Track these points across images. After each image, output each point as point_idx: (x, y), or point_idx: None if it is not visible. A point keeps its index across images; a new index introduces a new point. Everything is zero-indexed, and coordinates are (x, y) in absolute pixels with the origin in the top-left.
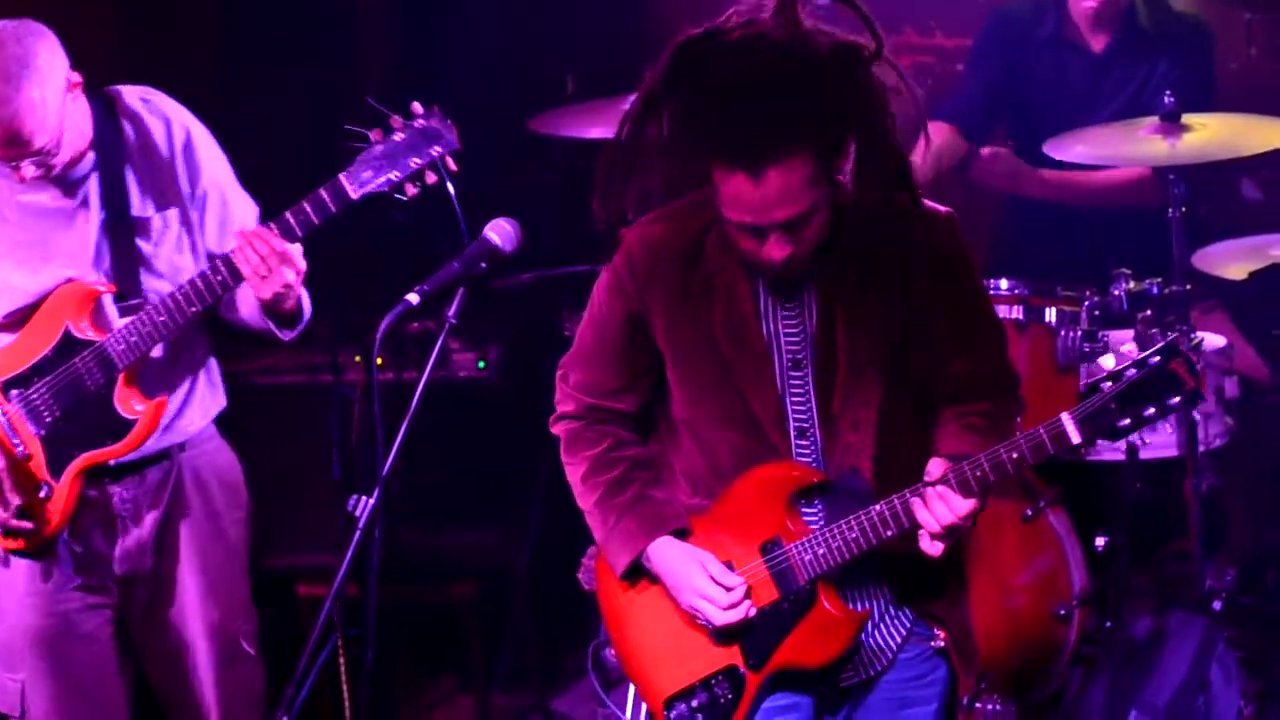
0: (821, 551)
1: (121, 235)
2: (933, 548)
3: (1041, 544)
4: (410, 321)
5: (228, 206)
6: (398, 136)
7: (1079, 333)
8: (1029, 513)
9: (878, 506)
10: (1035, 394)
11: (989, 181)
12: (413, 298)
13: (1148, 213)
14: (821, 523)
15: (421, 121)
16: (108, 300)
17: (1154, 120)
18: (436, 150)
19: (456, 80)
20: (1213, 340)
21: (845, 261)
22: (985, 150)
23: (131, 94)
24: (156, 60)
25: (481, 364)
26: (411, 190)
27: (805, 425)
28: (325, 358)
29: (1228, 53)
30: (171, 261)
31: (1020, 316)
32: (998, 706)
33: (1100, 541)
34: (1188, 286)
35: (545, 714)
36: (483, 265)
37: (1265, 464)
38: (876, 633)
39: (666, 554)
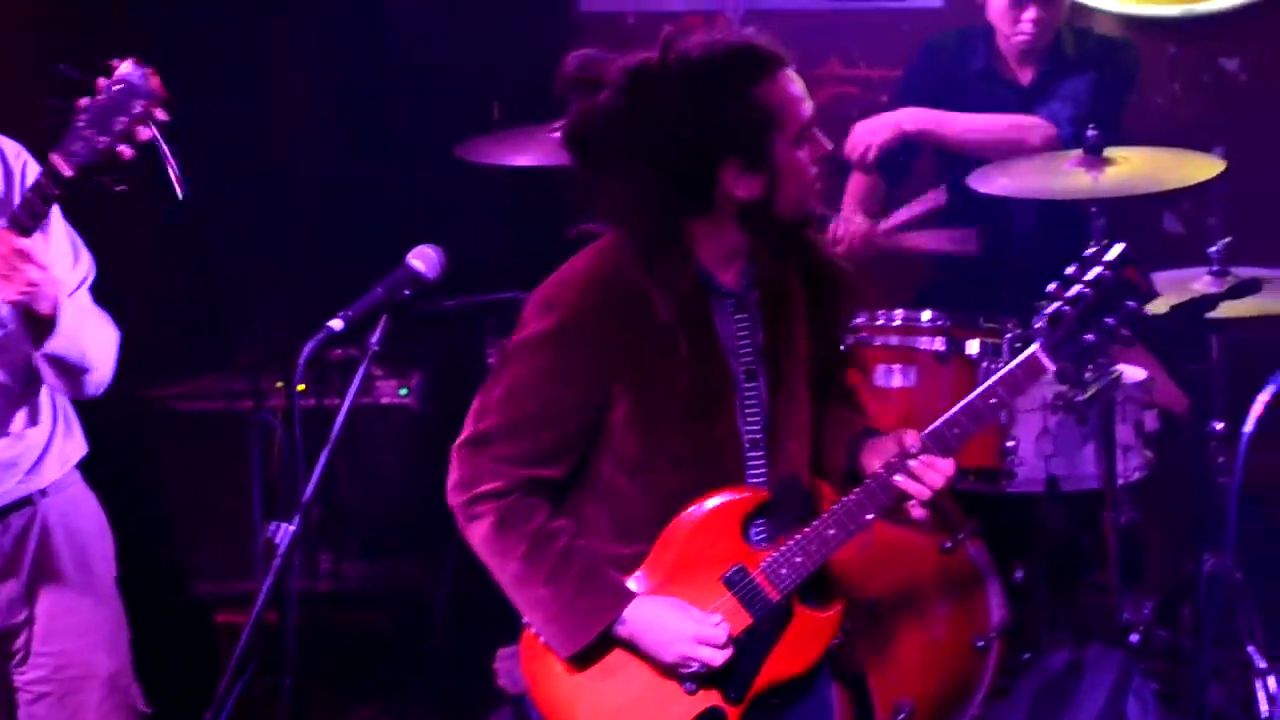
0: (799, 559)
1: None
2: (922, 514)
3: (960, 576)
4: (333, 348)
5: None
6: (100, 99)
7: (1000, 365)
8: (948, 545)
9: (851, 495)
10: None
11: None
12: (335, 324)
13: (1071, 246)
14: (767, 537)
15: (122, 76)
16: None
17: (1077, 153)
18: (140, 105)
19: (383, 107)
20: (1133, 374)
21: (778, 276)
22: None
23: None
24: None
25: (404, 391)
26: (128, 152)
27: (758, 437)
28: (247, 384)
29: (1151, 87)
30: None
31: (942, 348)
32: None
33: (1019, 574)
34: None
35: None
36: (406, 292)
37: (1183, 497)
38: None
39: (647, 612)
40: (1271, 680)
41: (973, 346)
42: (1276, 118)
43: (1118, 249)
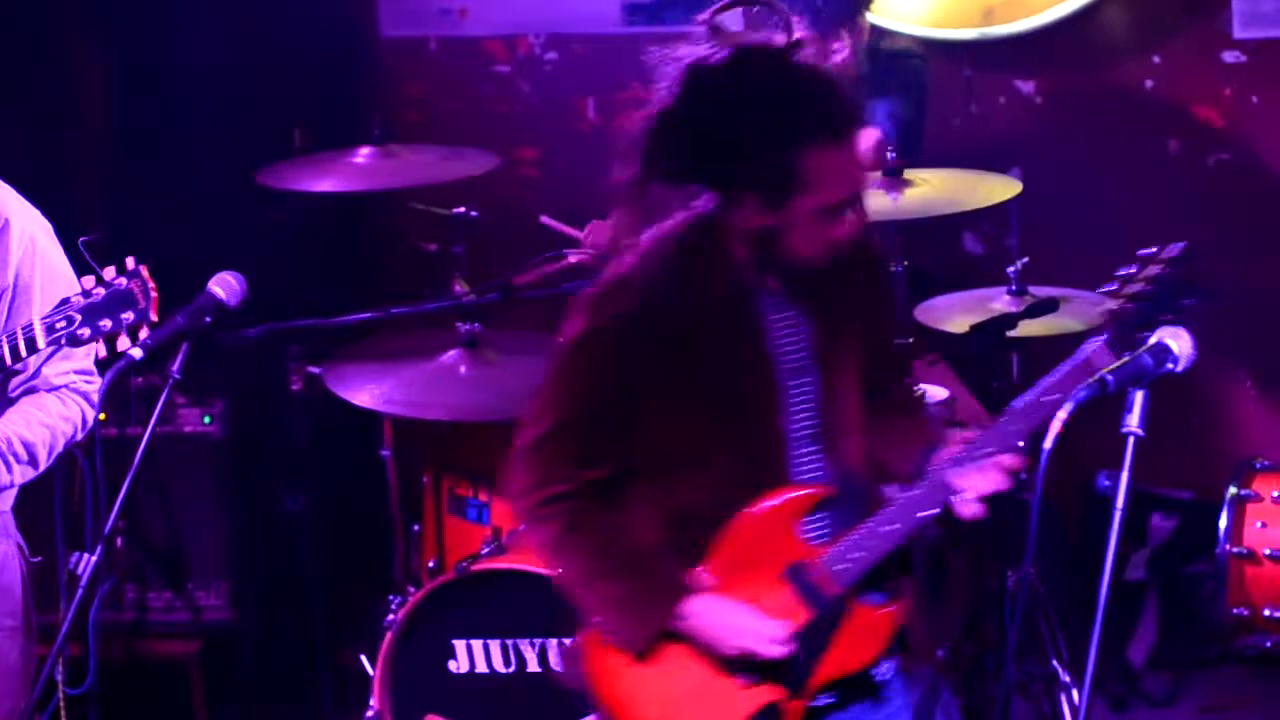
0: (859, 554)
1: None
2: (974, 509)
3: None
4: (133, 376)
5: (31, 306)
6: (99, 292)
7: None
8: None
9: (912, 490)
10: None
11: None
12: (135, 352)
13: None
14: (829, 533)
15: (124, 281)
16: None
17: (876, 175)
18: (128, 316)
19: (182, 131)
20: (935, 392)
21: (825, 274)
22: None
23: None
24: None
25: (207, 419)
26: (102, 352)
27: (812, 433)
28: None
29: (948, 108)
30: None
31: None
32: None
33: None
34: (910, 339)
35: None
36: (207, 319)
37: (986, 514)
38: None
39: (708, 607)
40: (1075, 693)
41: None
42: (1071, 139)
43: (1177, 247)
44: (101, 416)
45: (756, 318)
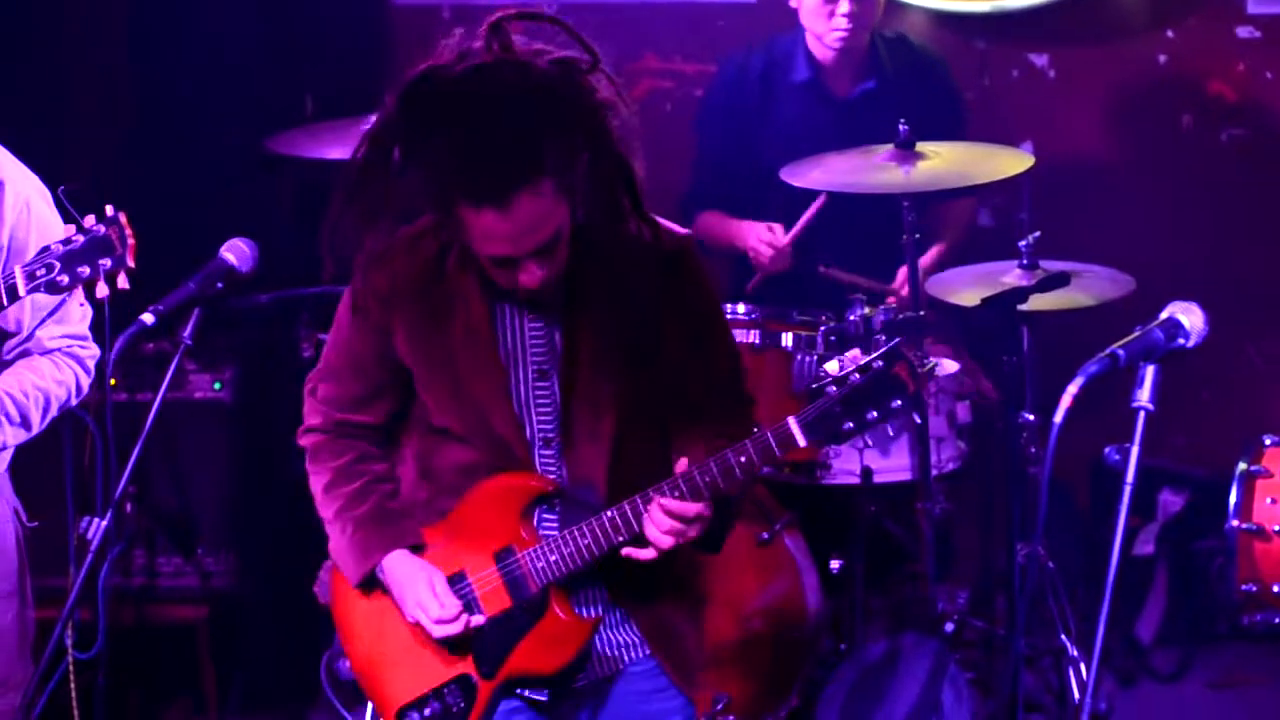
0: (554, 558)
1: None
2: (644, 552)
3: (777, 567)
4: (145, 342)
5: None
6: (78, 239)
7: (814, 357)
8: (765, 536)
9: (609, 512)
10: (770, 417)
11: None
12: (147, 318)
13: (884, 238)
14: (555, 530)
15: (102, 229)
16: None
17: (889, 148)
18: (106, 263)
19: (193, 98)
20: (946, 366)
21: (587, 276)
22: None
23: None
24: None
25: (218, 385)
26: (82, 298)
27: (550, 435)
28: None
29: (962, 82)
30: None
31: (756, 341)
32: None
33: (835, 564)
34: (921, 312)
35: None
36: (219, 285)
37: (995, 488)
38: (610, 637)
39: (397, 567)
40: (1083, 667)
41: (787, 339)
42: (1084, 113)
43: (893, 345)
44: (113, 382)
45: (490, 319)
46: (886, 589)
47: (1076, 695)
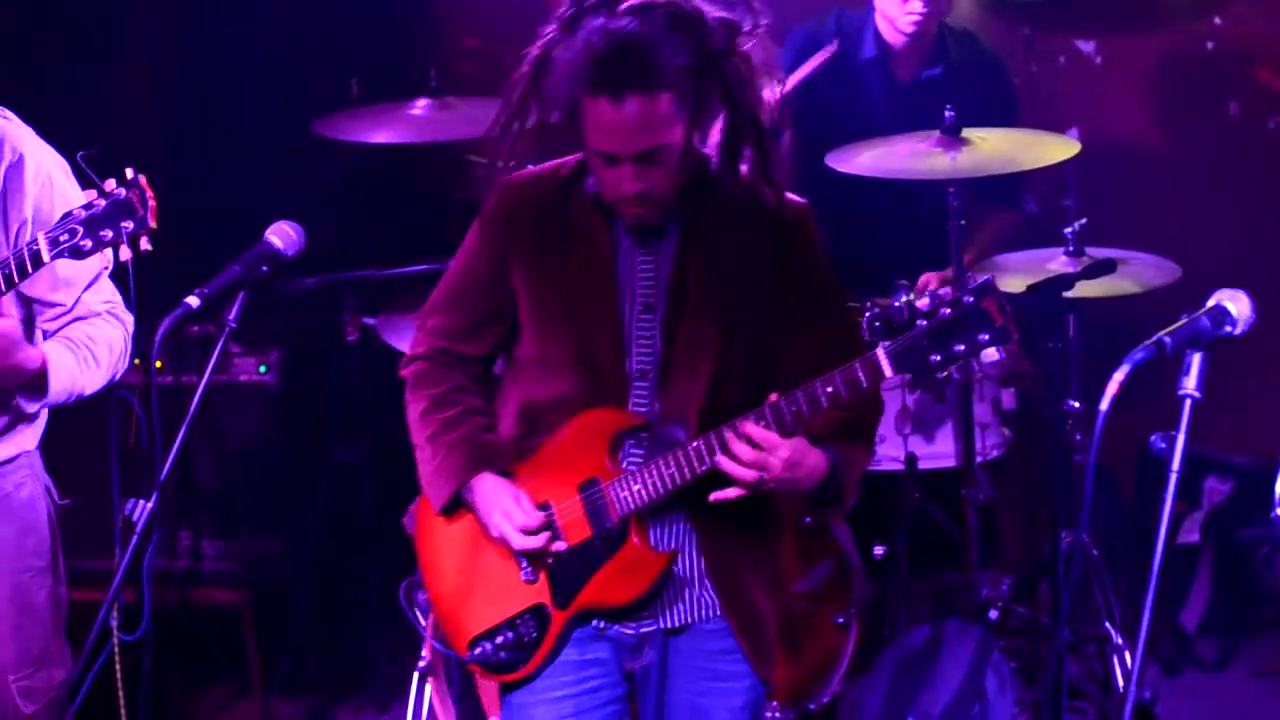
0: (636, 488)
1: None
2: (729, 491)
3: (821, 552)
4: (190, 325)
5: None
6: (100, 203)
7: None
8: (808, 521)
9: (695, 441)
10: None
11: None
12: (193, 301)
13: (931, 224)
14: (637, 462)
15: (121, 191)
16: None
17: (935, 134)
18: (128, 225)
19: (240, 82)
20: (989, 353)
21: (706, 226)
22: None
23: None
24: None
25: (263, 368)
26: (108, 260)
27: (647, 368)
28: None
29: (1010, 68)
30: None
31: None
32: (777, 714)
33: (879, 550)
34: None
35: None
36: (264, 269)
37: (1040, 475)
38: (686, 590)
39: (485, 486)
40: (1128, 655)
41: None
42: (1131, 100)
43: (984, 280)
44: (158, 365)
45: (611, 249)
46: (930, 575)
47: (1121, 683)
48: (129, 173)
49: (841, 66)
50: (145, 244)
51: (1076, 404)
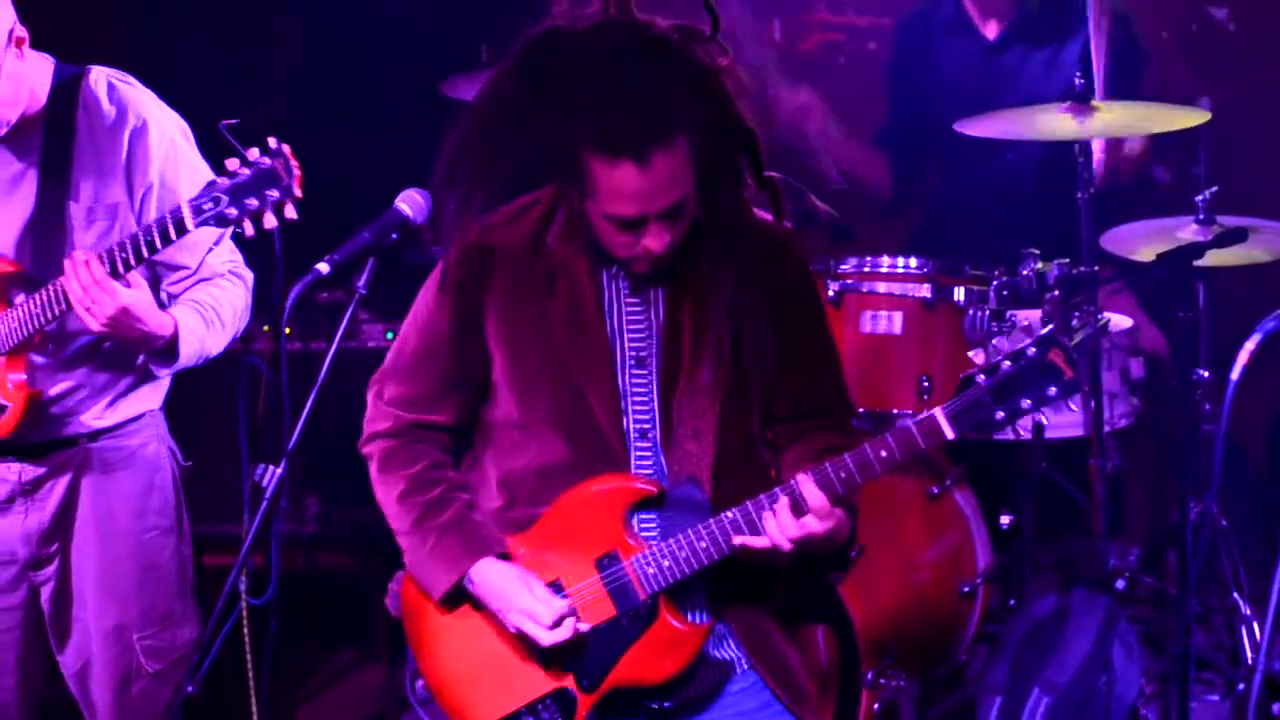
0: (667, 564)
1: (52, 221)
2: (758, 540)
3: (947, 522)
4: (320, 291)
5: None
6: (243, 172)
7: (986, 312)
8: (934, 490)
9: (730, 513)
10: (944, 371)
11: None
12: (323, 267)
13: (1059, 193)
14: (659, 534)
15: (268, 160)
16: (11, 280)
17: (1064, 104)
18: (274, 194)
19: (370, 49)
20: (1119, 321)
21: (694, 264)
22: None
23: (98, 75)
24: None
25: (390, 335)
26: (249, 230)
27: (646, 427)
28: None
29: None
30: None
31: (929, 295)
32: (901, 682)
33: (1005, 520)
34: (1096, 268)
35: None
36: (394, 236)
37: (1169, 445)
38: (715, 649)
39: (490, 574)
40: (1257, 626)
41: (959, 293)
42: (1263, 67)
43: (1047, 331)
44: (287, 331)
45: (597, 297)
46: (1056, 545)
47: (1249, 654)
48: (272, 142)
49: (930, 33)
50: (291, 212)
51: (1206, 373)
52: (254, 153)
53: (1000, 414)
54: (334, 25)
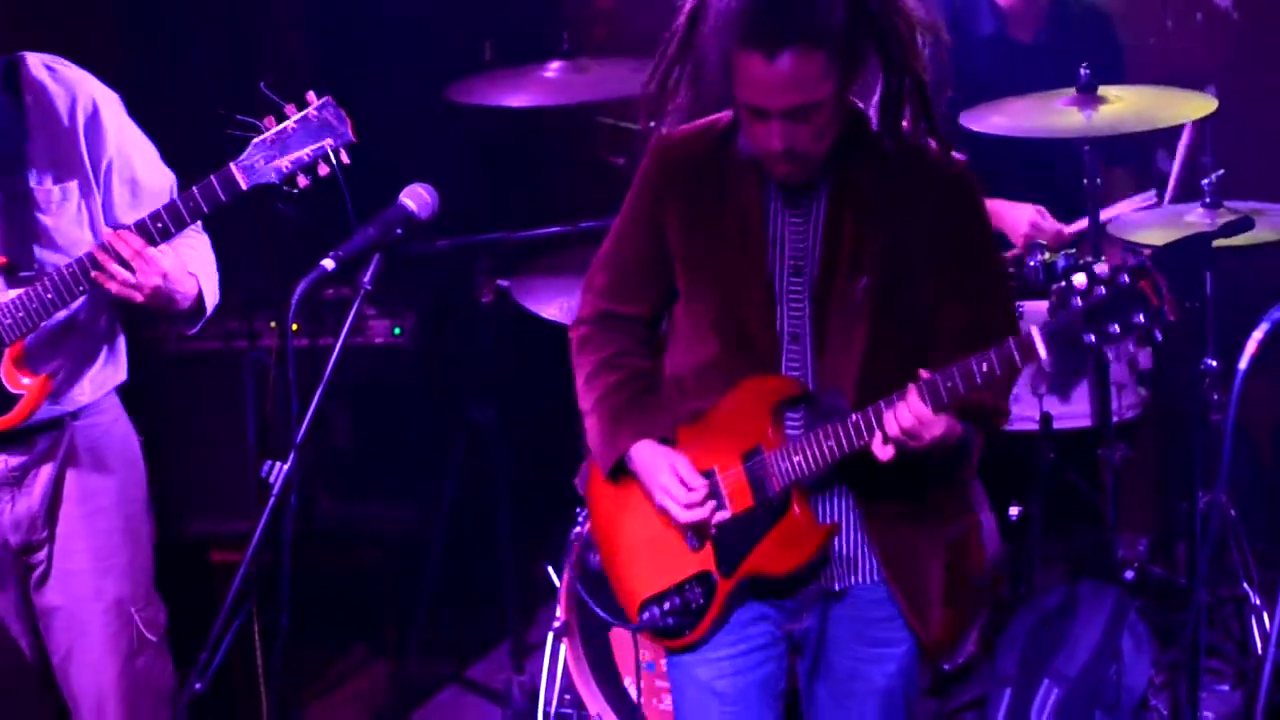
0: (798, 459)
1: (18, 206)
2: (883, 450)
3: (957, 513)
4: (326, 287)
5: (137, 180)
6: (290, 126)
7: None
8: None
9: (854, 415)
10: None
11: None
12: (328, 263)
13: (1067, 180)
14: (799, 430)
15: (315, 112)
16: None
17: (1069, 93)
18: (330, 142)
19: (373, 46)
20: None
21: (859, 185)
22: None
23: (36, 61)
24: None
25: (397, 331)
26: (303, 181)
27: (798, 331)
28: (241, 323)
29: (1144, 25)
30: (70, 235)
31: None
32: None
33: (1014, 511)
34: (1103, 257)
35: (460, 682)
36: (399, 231)
37: (1177, 435)
38: (847, 549)
39: (645, 454)
40: (1266, 617)
41: None
42: (1269, 56)
43: (1140, 260)
44: (294, 327)
45: (761, 209)
46: (1065, 536)
47: (1259, 645)
48: (310, 96)
49: (963, 47)
50: (344, 157)
51: (1214, 363)
52: (291, 108)
53: (1090, 337)
54: (338, 24)
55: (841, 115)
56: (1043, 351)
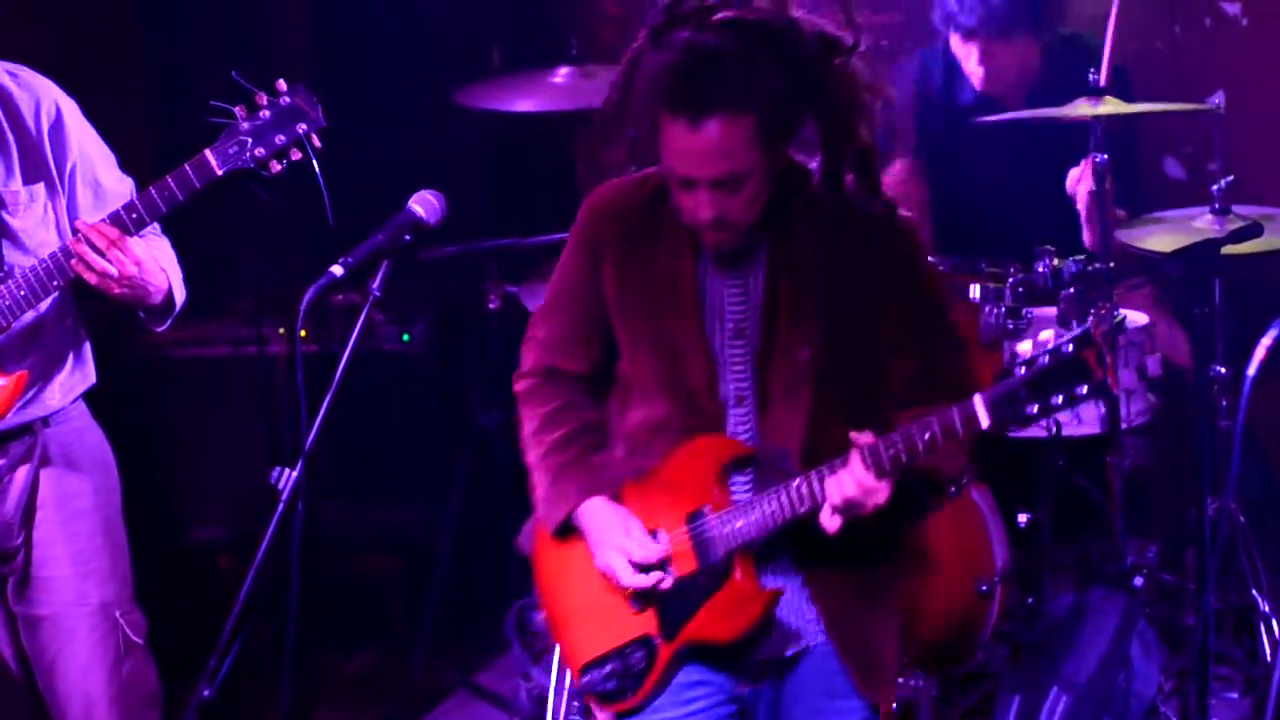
0: (740, 524)
1: None
2: (830, 522)
3: (964, 520)
4: (335, 294)
5: (99, 182)
6: (263, 113)
7: (1003, 309)
8: (952, 489)
9: (796, 480)
10: None
11: None
12: (337, 270)
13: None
14: (748, 493)
15: (287, 99)
16: None
17: (1079, 100)
18: (302, 127)
19: (381, 51)
20: (1135, 318)
21: (797, 246)
22: None
23: None
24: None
25: (406, 337)
26: (276, 167)
27: (744, 394)
28: (250, 330)
29: (1152, 31)
30: (37, 236)
31: None
32: (919, 682)
33: (1022, 518)
34: (1111, 264)
35: (468, 687)
36: (407, 238)
37: (1186, 441)
38: (793, 615)
39: (595, 512)
40: (1275, 624)
41: (975, 291)
42: (1277, 61)
43: (1083, 329)
44: (303, 334)
45: (696, 269)
46: (1074, 543)
47: (1268, 651)
48: (281, 84)
49: (946, 115)
50: (315, 141)
51: (1223, 369)
52: (263, 97)
53: (1033, 408)
54: (345, 28)
55: (774, 178)
56: (985, 420)
